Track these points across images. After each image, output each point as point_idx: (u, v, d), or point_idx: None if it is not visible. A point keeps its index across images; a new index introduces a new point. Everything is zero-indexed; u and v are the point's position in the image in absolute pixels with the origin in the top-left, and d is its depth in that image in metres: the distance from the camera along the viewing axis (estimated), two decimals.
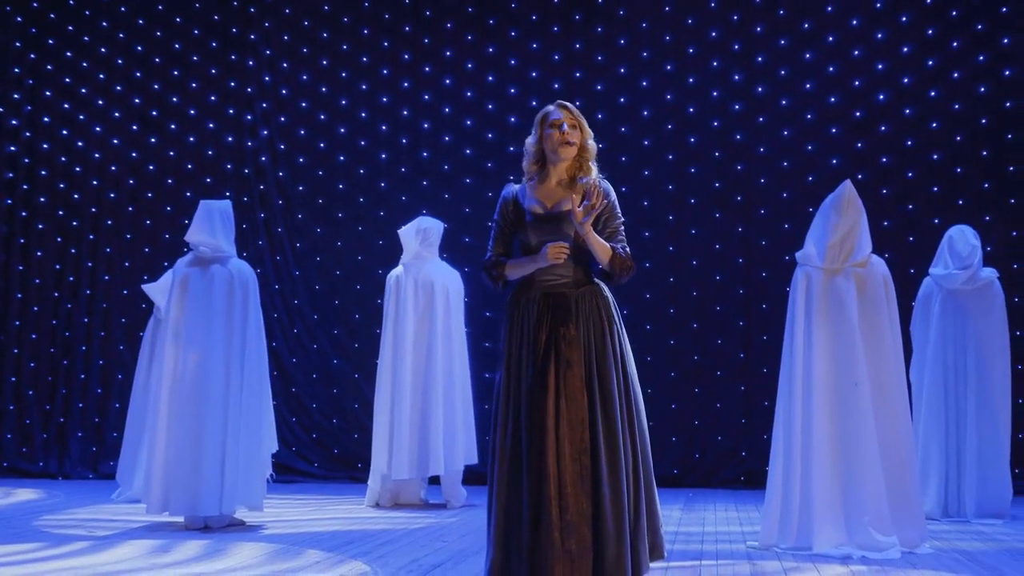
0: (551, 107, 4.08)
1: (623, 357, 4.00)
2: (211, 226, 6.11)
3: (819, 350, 5.20)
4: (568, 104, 4.06)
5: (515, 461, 3.91)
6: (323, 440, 8.88)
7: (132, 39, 9.48)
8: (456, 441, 6.99)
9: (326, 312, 9.03)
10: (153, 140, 9.43)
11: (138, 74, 9.46)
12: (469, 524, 6.09)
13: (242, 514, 6.17)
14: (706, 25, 8.69)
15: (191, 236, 6.13)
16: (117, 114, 9.47)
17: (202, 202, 6.26)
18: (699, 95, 8.68)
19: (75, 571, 4.52)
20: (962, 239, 6.60)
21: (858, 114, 8.39)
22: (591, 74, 8.87)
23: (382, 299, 8.83)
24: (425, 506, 7.08)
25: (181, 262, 6.19)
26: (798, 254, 5.42)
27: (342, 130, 9.19)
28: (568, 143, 4.00)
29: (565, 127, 4.00)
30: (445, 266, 7.30)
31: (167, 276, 7.69)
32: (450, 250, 7.92)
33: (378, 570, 4.52)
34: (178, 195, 9.35)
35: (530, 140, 4.13)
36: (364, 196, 9.11)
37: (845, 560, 4.86)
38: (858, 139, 8.38)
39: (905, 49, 8.32)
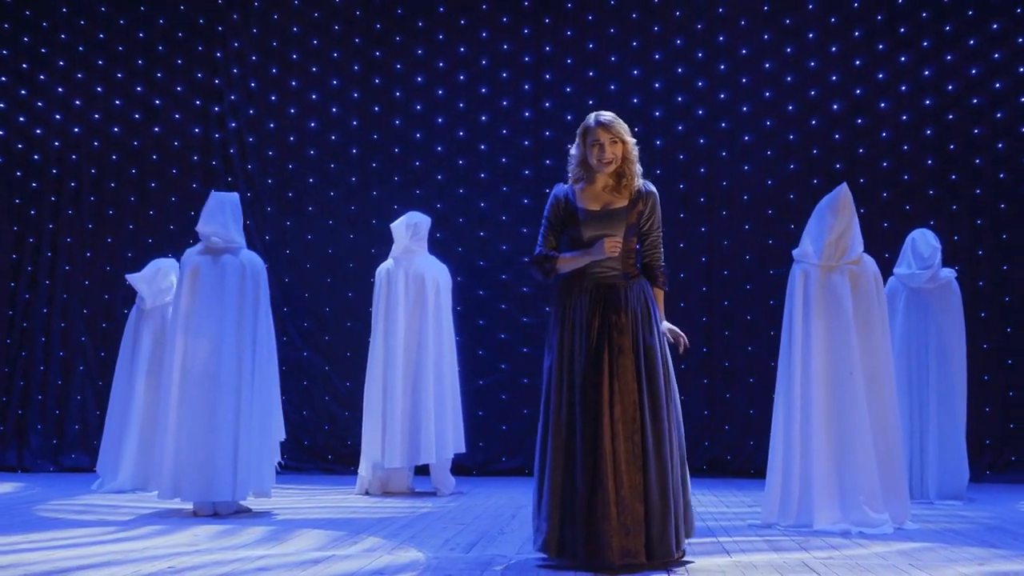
0: (591, 123, 4.40)
1: (663, 344, 4.37)
2: (223, 217, 6.17)
3: (816, 342, 5.60)
4: (606, 120, 4.38)
5: (570, 441, 4.21)
6: (293, 432, 8.90)
7: (94, 26, 9.34)
8: (446, 430, 7.19)
9: (296, 305, 9.08)
10: (116, 130, 9.32)
11: (100, 62, 9.34)
12: (474, 509, 6.30)
13: (247, 501, 6.24)
14: (671, 33, 9.07)
15: (202, 227, 6.17)
16: (78, 102, 9.32)
17: (213, 193, 6.32)
18: (664, 99, 9.06)
19: (147, 552, 4.57)
20: (924, 241, 7.13)
21: (814, 122, 8.89)
22: (560, 76, 9.15)
23: (353, 292, 9.04)
24: (414, 494, 7.25)
25: (191, 252, 6.23)
26: (795, 252, 5.81)
27: (312, 124, 9.26)
28: (608, 162, 4.37)
29: (605, 148, 4.34)
30: (434, 260, 7.49)
31: (151, 266, 7.70)
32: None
33: (427, 551, 4.70)
34: (142, 185, 9.27)
35: (573, 151, 4.47)
36: (334, 190, 9.19)
37: (845, 535, 5.25)
38: (813, 146, 8.88)
39: (857, 62, 8.86)
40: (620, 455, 4.15)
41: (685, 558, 4.33)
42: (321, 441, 8.95)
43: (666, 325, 4.46)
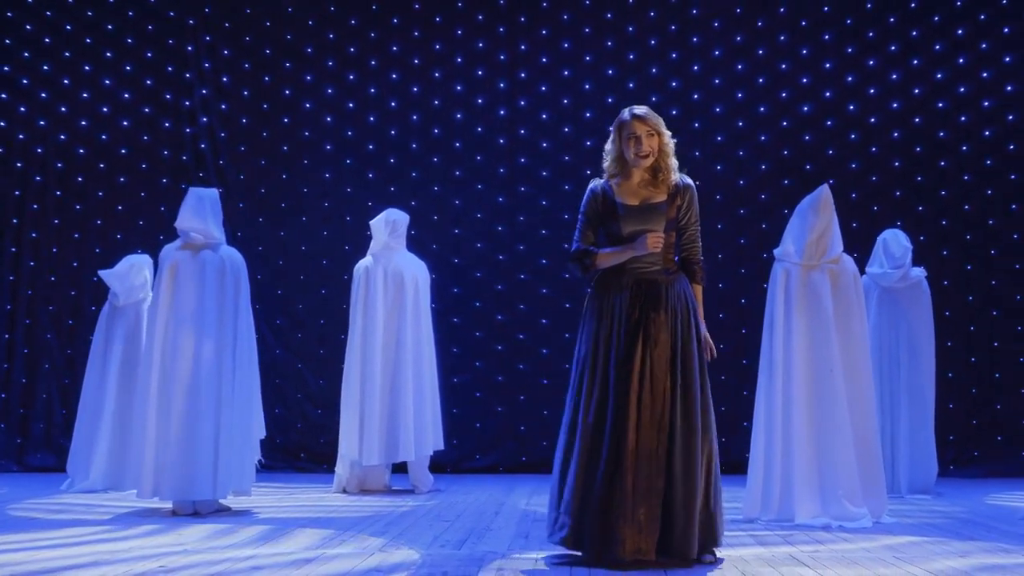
0: (627, 117, 4.36)
1: (702, 347, 4.33)
2: (202, 213, 6.11)
3: (798, 340, 5.69)
4: (642, 113, 4.35)
5: (597, 434, 4.16)
6: (266, 430, 8.83)
7: (61, 18, 9.17)
8: (425, 428, 7.18)
9: (269, 302, 9.00)
10: (84, 123, 9.17)
11: (67, 54, 9.18)
12: (456, 506, 6.31)
13: (227, 500, 6.19)
14: (646, 34, 9.13)
15: (181, 223, 6.10)
16: (44, 95, 9.16)
17: (191, 189, 6.26)
18: (638, 99, 9.06)
19: (135, 552, 4.52)
20: (895, 241, 7.27)
21: (785, 124, 9.01)
22: (535, 75, 9.18)
23: (326, 289, 8.99)
24: (391, 492, 7.24)
25: (169, 248, 6.15)
26: (776, 251, 5.90)
27: (285, 120, 9.19)
28: (645, 156, 4.32)
29: (642, 140, 4.29)
30: (413, 257, 7.47)
31: (125, 262, 7.61)
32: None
33: (418, 548, 4.70)
34: (111, 180, 9.13)
35: (609, 146, 4.43)
36: (308, 187, 9.13)
37: (826, 528, 5.35)
38: (784, 147, 9.01)
39: (827, 65, 9.00)
40: (643, 451, 4.09)
41: (709, 564, 4.23)
42: (294, 439, 8.89)
43: (706, 336, 4.43)
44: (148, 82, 9.19)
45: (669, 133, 4.41)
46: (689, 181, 4.47)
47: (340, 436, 7.23)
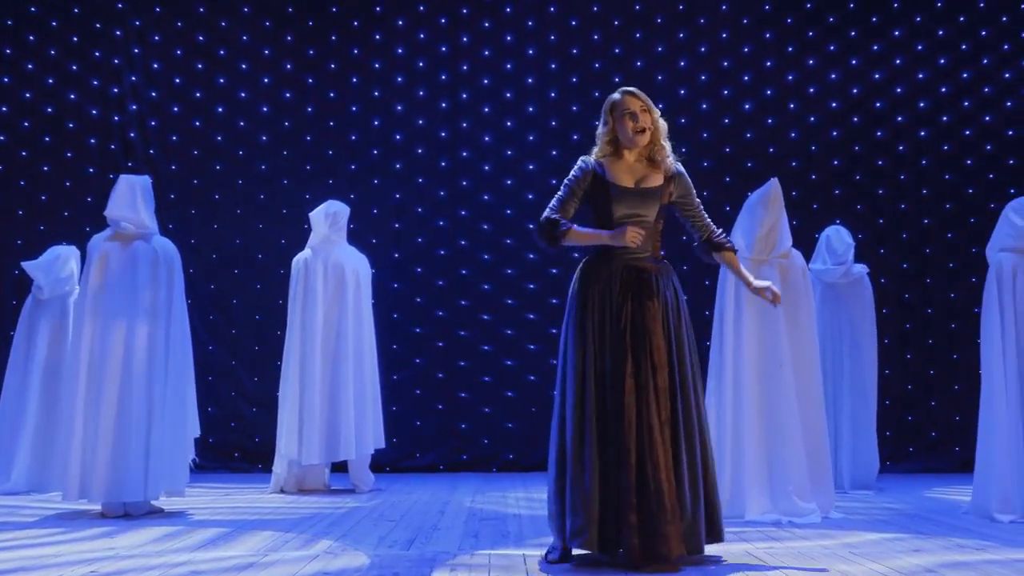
0: (618, 96, 4.19)
1: (691, 333, 4.21)
2: (133, 201, 5.84)
3: (748, 335, 5.65)
4: (634, 90, 4.21)
5: (605, 431, 3.97)
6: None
7: None
8: (366, 426, 6.99)
9: (201, 298, 8.69)
10: (4, 109, 8.76)
11: None
12: (399, 506, 6.14)
13: (159, 501, 5.93)
14: (588, 29, 9.06)
15: (112, 212, 5.83)
16: None
17: (122, 176, 5.99)
18: (581, 95, 9.03)
19: (63, 557, 4.26)
20: (838, 238, 7.30)
21: (727, 121, 9.02)
22: (478, 67, 9.04)
23: (261, 284, 8.73)
24: (331, 491, 7.03)
25: (98, 238, 5.87)
26: None
27: (220, 109, 8.90)
28: (643, 131, 4.14)
29: (638, 116, 4.13)
30: (354, 250, 7.28)
31: (49, 254, 7.30)
32: None
33: (364, 549, 4.52)
34: (33, 169, 8.75)
35: (600, 129, 4.22)
36: (243, 178, 8.86)
37: (776, 524, 5.31)
38: (726, 144, 9.02)
39: (768, 63, 9.04)
40: (661, 446, 3.94)
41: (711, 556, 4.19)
42: (228, 439, 8.61)
43: (762, 283, 4.35)
44: (74, 67, 8.82)
45: (659, 112, 4.25)
46: (681, 168, 4.30)
47: (278, 434, 7.00)
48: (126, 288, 5.71)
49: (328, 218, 7.14)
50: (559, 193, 4.24)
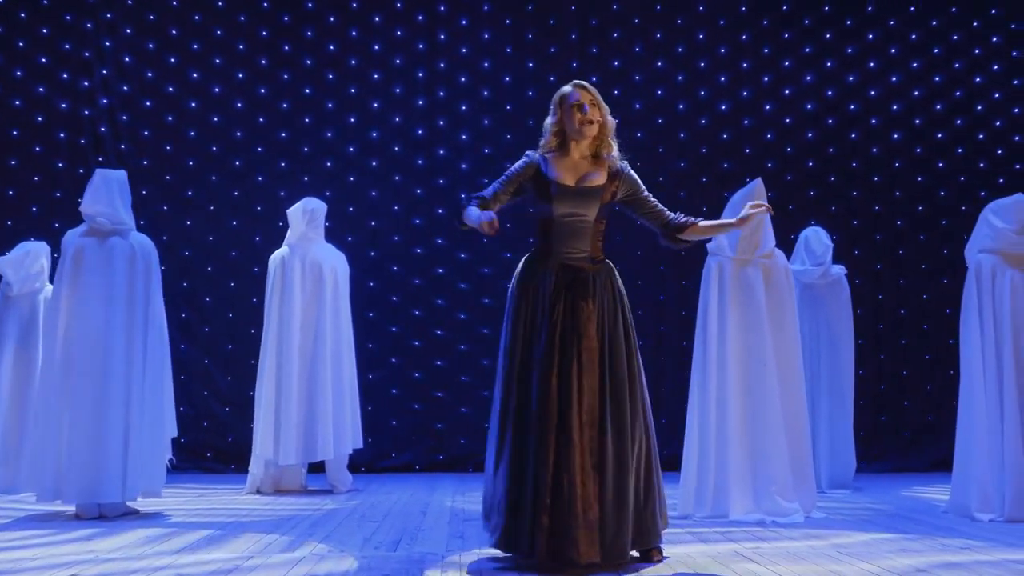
0: (568, 88, 4.17)
1: (631, 336, 4.16)
2: (109, 196, 5.73)
3: (731, 334, 5.65)
4: (585, 83, 4.18)
5: (528, 431, 3.95)
6: None
7: None
8: (344, 425, 6.92)
9: (174, 295, 8.50)
10: None
11: None
12: (379, 506, 6.08)
13: (135, 502, 5.81)
14: (566, 28, 9.03)
15: (87, 207, 5.70)
16: None
17: (97, 171, 5.87)
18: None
19: (40, 560, 4.15)
20: (816, 239, 7.33)
21: (703, 121, 9.04)
22: (455, 65, 8.98)
23: (235, 282, 8.62)
24: (308, 492, 6.95)
25: (73, 233, 5.74)
26: (709, 245, 5.85)
27: (193, 104, 8.76)
28: (590, 122, 4.11)
29: (586, 108, 4.11)
30: (332, 248, 7.20)
31: (20, 249, 7.14)
32: None
33: (350, 551, 4.46)
34: (1, 163, 8.56)
35: (549, 120, 4.19)
36: (217, 175, 8.73)
37: (760, 524, 5.32)
38: (703, 144, 9.03)
39: (744, 64, 9.07)
40: (579, 449, 3.88)
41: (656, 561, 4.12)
42: (200, 439, 8.48)
43: (743, 213, 4.24)
44: (43, 60, 8.64)
45: (608, 108, 4.21)
46: (626, 165, 4.25)
47: (255, 434, 6.90)
48: (102, 285, 5.59)
49: (306, 215, 7.05)
50: (498, 180, 4.22)
